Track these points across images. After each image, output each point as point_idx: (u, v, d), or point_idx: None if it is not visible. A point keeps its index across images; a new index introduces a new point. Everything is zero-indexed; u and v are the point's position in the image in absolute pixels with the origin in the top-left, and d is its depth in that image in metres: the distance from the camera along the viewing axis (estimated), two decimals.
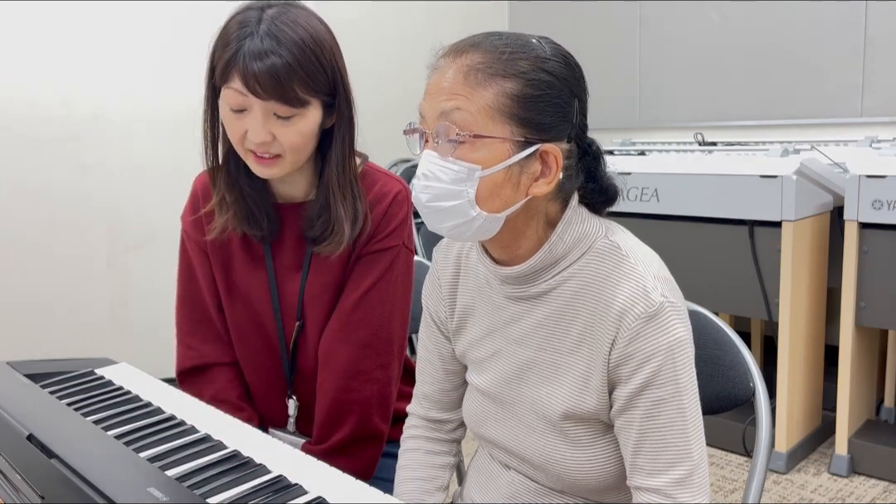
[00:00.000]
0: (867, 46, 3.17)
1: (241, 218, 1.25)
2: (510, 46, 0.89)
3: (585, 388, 0.95)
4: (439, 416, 1.16)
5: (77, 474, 0.76)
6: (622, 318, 0.90)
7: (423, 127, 0.92)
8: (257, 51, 1.08)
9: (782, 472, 2.58)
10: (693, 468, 0.91)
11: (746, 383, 1.17)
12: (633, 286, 0.90)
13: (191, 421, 0.99)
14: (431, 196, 0.90)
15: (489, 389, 1.05)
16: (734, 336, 1.21)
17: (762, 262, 2.57)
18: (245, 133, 1.14)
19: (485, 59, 0.88)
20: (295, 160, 1.18)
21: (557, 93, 0.90)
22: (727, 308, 2.76)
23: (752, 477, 1.12)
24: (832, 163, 2.76)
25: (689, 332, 0.93)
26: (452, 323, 1.10)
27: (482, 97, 0.87)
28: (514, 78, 0.88)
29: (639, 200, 2.80)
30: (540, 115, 0.89)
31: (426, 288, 1.15)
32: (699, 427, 0.93)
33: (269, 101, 1.10)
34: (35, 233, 3.04)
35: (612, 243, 0.95)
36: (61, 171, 3.06)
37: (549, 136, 0.90)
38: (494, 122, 0.88)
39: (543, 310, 0.98)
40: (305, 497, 0.79)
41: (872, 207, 2.38)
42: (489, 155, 0.88)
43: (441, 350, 1.13)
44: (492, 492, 1.09)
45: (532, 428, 1.00)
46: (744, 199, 2.57)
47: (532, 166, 0.90)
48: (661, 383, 0.90)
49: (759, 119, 3.52)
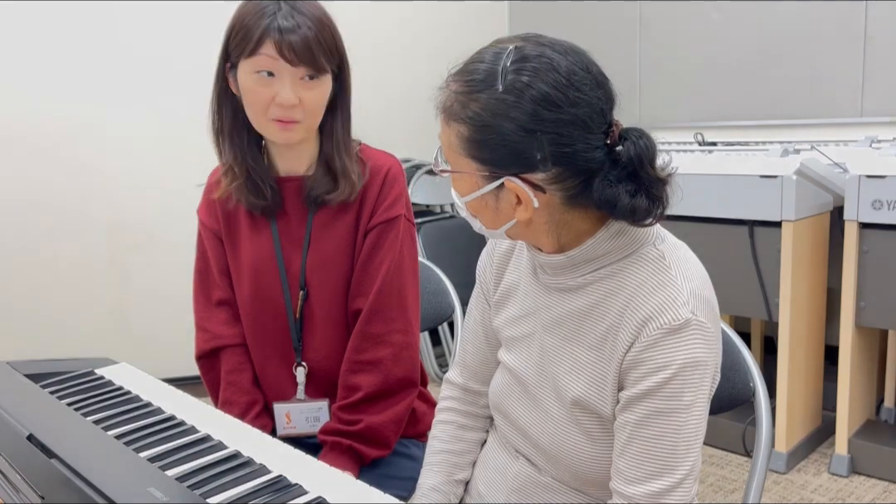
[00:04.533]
0: (867, 46, 3.17)
1: (246, 188, 1.35)
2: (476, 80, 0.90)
3: (602, 386, 0.96)
4: (476, 387, 1.20)
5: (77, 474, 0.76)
6: (646, 324, 0.90)
7: None
8: (289, 25, 1.23)
9: (782, 472, 2.58)
10: (674, 485, 0.90)
11: (746, 383, 1.18)
12: (666, 296, 0.91)
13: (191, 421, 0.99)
14: None
15: (515, 369, 1.08)
16: (734, 336, 1.21)
17: (762, 262, 2.57)
18: (272, 99, 1.25)
19: (449, 98, 0.93)
20: (309, 125, 1.31)
21: (507, 133, 0.88)
22: (727, 308, 2.76)
23: (752, 477, 1.12)
24: (832, 163, 2.76)
25: (712, 355, 0.91)
26: (495, 297, 1.14)
27: (446, 135, 0.95)
28: (462, 122, 0.91)
29: None
30: (492, 153, 0.91)
31: (482, 258, 1.19)
32: (692, 448, 0.91)
33: (298, 66, 1.24)
34: (35, 233, 3.04)
35: (659, 252, 0.95)
36: (61, 173, 3.06)
37: (514, 169, 0.90)
38: (460, 158, 0.94)
39: (577, 302, 1.00)
40: (305, 497, 0.79)
41: (872, 207, 2.38)
42: (463, 186, 0.96)
43: (486, 319, 1.17)
44: (499, 485, 1.10)
45: (550, 413, 1.02)
46: (744, 199, 2.57)
47: (507, 195, 0.93)
48: (664, 396, 0.89)
49: (759, 119, 3.52)
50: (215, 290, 1.43)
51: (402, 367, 1.35)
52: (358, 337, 1.35)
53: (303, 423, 1.39)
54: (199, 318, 1.44)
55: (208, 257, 1.44)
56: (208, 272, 1.44)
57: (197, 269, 1.46)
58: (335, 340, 1.38)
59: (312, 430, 1.38)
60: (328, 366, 1.39)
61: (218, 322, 1.43)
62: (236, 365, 1.41)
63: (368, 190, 1.36)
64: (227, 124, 1.34)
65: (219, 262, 1.43)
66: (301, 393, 1.40)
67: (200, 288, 1.45)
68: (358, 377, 1.34)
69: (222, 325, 1.42)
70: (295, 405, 1.39)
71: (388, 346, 1.34)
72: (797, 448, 2.65)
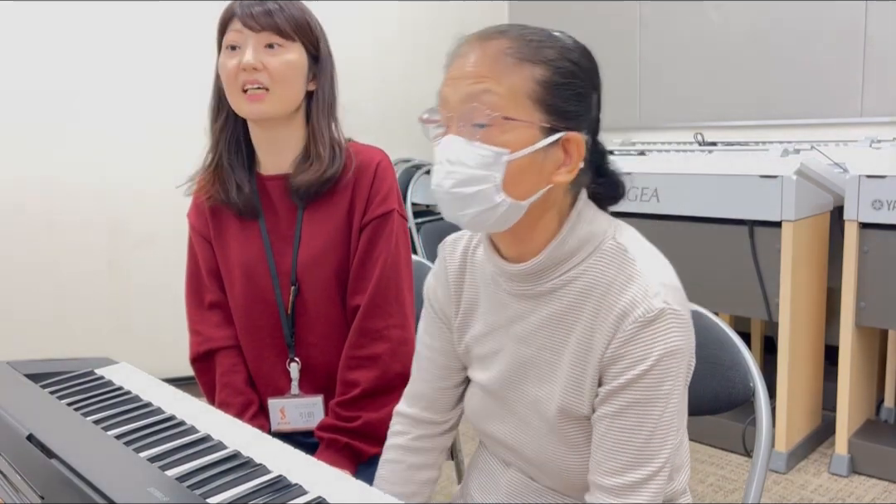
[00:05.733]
0: (867, 46, 3.17)
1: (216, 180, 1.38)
2: (536, 35, 0.91)
3: (580, 388, 0.95)
4: (431, 416, 1.14)
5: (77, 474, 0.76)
6: (622, 319, 0.90)
7: (446, 111, 0.91)
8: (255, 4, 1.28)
9: (782, 472, 2.58)
10: (650, 475, 0.90)
11: (746, 383, 1.17)
12: (636, 290, 0.90)
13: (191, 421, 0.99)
14: (456, 181, 0.89)
15: (491, 386, 1.05)
16: (734, 336, 1.21)
17: (762, 262, 2.57)
18: (238, 67, 1.28)
19: (513, 45, 0.89)
20: (281, 95, 1.30)
21: (581, 83, 0.91)
22: (727, 308, 2.76)
23: (752, 477, 1.12)
24: (832, 163, 2.76)
25: (688, 342, 0.92)
26: (457, 319, 1.10)
27: (511, 80, 0.88)
28: (543, 64, 0.89)
29: (639, 200, 2.80)
30: (565, 102, 0.90)
31: (431, 283, 1.14)
32: (669, 437, 0.91)
33: (261, 32, 1.27)
34: (35, 233, 3.04)
35: (620, 245, 0.95)
36: (61, 173, 3.06)
37: (572, 124, 0.91)
38: (522, 107, 0.88)
39: (548, 309, 0.97)
40: (305, 497, 0.79)
41: (872, 207, 2.38)
42: (516, 139, 0.88)
43: (445, 345, 1.12)
44: (492, 491, 1.09)
45: (532, 426, 1.00)
46: (744, 199, 2.57)
47: (555, 154, 0.90)
48: (642, 387, 0.89)
49: (759, 119, 3.52)
50: (206, 293, 1.44)
51: (400, 362, 1.34)
52: (356, 333, 1.35)
53: (297, 418, 1.40)
54: (192, 321, 1.45)
55: (198, 260, 1.45)
56: (199, 275, 1.45)
57: (188, 272, 1.47)
58: (329, 336, 1.39)
59: (307, 426, 1.39)
60: (322, 361, 1.39)
61: (210, 325, 1.43)
62: (230, 367, 1.42)
63: (359, 184, 1.36)
64: (219, 115, 1.38)
65: (208, 264, 1.44)
66: (295, 388, 1.40)
67: (192, 291, 1.46)
68: (356, 373, 1.34)
69: (214, 328, 1.43)
70: (289, 400, 1.40)
71: (386, 341, 1.34)
72: (797, 448, 2.65)
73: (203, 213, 1.43)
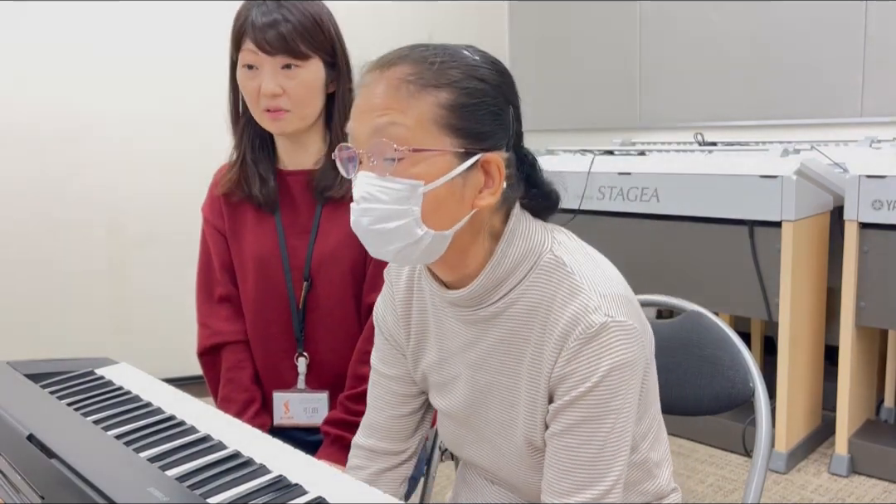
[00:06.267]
0: (867, 46, 3.17)
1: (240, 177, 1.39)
2: (439, 56, 0.86)
3: (535, 412, 0.93)
4: (388, 446, 1.10)
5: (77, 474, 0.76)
6: (565, 338, 0.87)
7: (356, 147, 0.88)
8: (265, 18, 1.27)
9: (782, 472, 2.58)
10: (603, 493, 0.88)
11: (746, 383, 1.17)
12: (577, 306, 0.87)
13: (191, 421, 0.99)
14: (373, 219, 0.86)
15: (455, 413, 1.02)
16: (734, 336, 1.21)
17: (762, 262, 2.57)
18: (258, 90, 1.30)
19: (415, 70, 0.85)
20: (302, 114, 1.33)
21: (492, 100, 0.87)
22: (727, 308, 2.76)
23: (752, 477, 1.12)
24: (832, 163, 2.76)
25: (637, 351, 0.88)
26: (409, 345, 1.06)
27: (417, 109, 0.84)
28: (447, 87, 0.85)
29: (639, 200, 2.79)
30: (477, 123, 0.86)
31: (380, 309, 1.10)
32: (620, 452, 0.88)
33: (276, 55, 1.28)
34: (35, 233, 3.04)
35: (557, 259, 0.91)
36: (61, 171, 3.06)
37: (488, 144, 0.87)
38: (431, 135, 0.84)
39: (497, 332, 0.94)
40: (305, 497, 0.79)
41: (872, 207, 2.38)
42: (430, 169, 0.84)
43: (400, 372, 1.09)
44: None
45: (503, 450, 0.98)
46: (744, 199, 2.57)
47: (474, 177, 0.87)
48: (588, 404, 0.87)
49: (759, 119, 3.52)
50: (217, 287, 1.45)
51: None
52: (371, 328, 1.35)
53: (300, 413, 1.40)
54: (201, 315, 1.47)
55: (211, 254, 1.46)
56: (210, 269, 1.46)
57: (200, 265, 1.48)
58: (338, 332, 1.39)
59: (310, 422, 1.39)
60: (331, 358, 1.40)
61: (219, 318, 1.44)
62: (236, 362, 1.43)
63: None
64: (240, 115, 1.40)
65: (221, 257, 1.45)
66: (301, 383, 1.41)
67: (203, 284, 1.47)
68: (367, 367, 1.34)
69: (223, 322, 1.44)
70: (294, 395, 1.41)
71: None
72: (797, 448, 2.65)
73: (218, 206, 1.44)
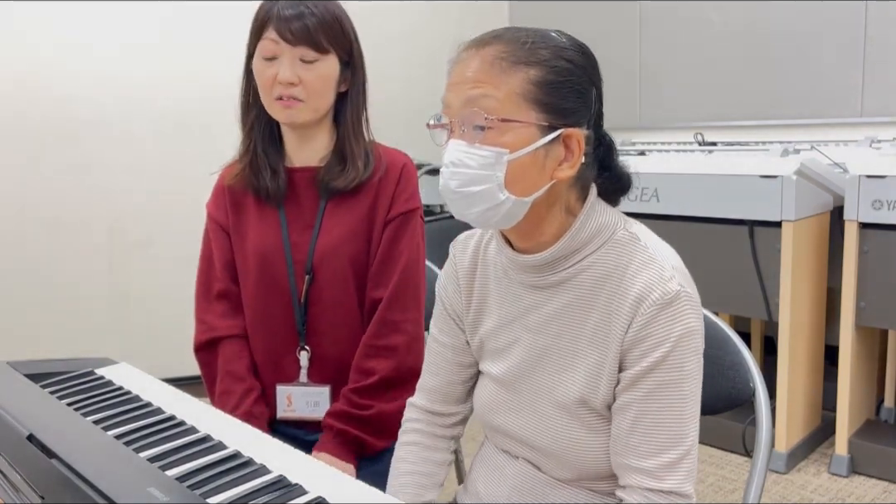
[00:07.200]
0: (867, 46, 3.17)
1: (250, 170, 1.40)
2: (530, 37, 0.94)
3: (599, 376, 0.97)
4: (442, 408, 1.18)
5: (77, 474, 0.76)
6: (639, 303, 0.93)
7: (449, 116, 0.96)
8: (289, 10, 1.30)
9: (782, 472, 2.58)
10: (684, 454, 0.94)
11: (746, 383, 1.17)
12: (651, 274, 0.94)
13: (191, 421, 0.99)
14: (460, 182, 0.93)
15: (505, 378, 1.07)
16: (734, 336, 1.21)
17: (762, 262, 2.57)
18: (274, 78, 1.32)
19: (508, 49, 0.92)
20: (315, 106, 1.35)
21: (577, 79, 0.94)
22: (727, 308, 2.76)
23: (752, 477, 1.12)
24: (832, 163, 2.76)
25: (701, 323, 0.96)
26: (469, 315, 1.13)
27: (507, 84, 0.91)
28: (537, 65, 0.92)
29: (639, 200, 2.80)
30: (562, 100, 0.93)
31: (442, 281, 1.17)
32: (696, 416, 0.95)
33: (297, 46, 1.30)
34: (35, 233, 3.04)
35: (632, 234, 0.98)
36: (61, 171, 3.06)
37: (571, 120, 0.94)
38: (520, 108, 0.91)
39: (562, 298, 1.00)
40: (305, 497, 0.79)
41: (872, 207, 2.38)
42: (515, 139, 0.92)
43: (455, 341, 1.15)
44: (498, 482, 1.10)
45: (546, 415, 1.02)
46: (744, 199, 2.57)
47: (556, 151, 0.94)
48: (667, 368, 0.93)
49: (759, 119, 3.52)
50: (215, 283, 1.46)
51: (413, 357, 1.37)
52: (377, 323, 1.38)
53: (303, 406, 1.41)
54: (198, 310, 1.47)
55: (212, 249, 1.47)
56: (211, 265, 1.47)
57: (201, 262, 1.49)
58: (341, 326, 1.40)
59: (312, 416, 1.40)
60: (332, 351, 1.41)
61: (215, 314, 1.45)
62: (233, 355, 1.43)
63: (384, 182, 1.40)
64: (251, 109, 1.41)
65: (223, 254, 1.46)
66: (304, 376, 1.42)
67: (202, 280, 1.48)
68: (373, 361, 1.36)
69: (219, 318, 1.44)
70: (297, 388, 1.41)
71: (404, 334, 1.38)
72: (797, 448, 2.65)
73: (223, 202, 1.45)
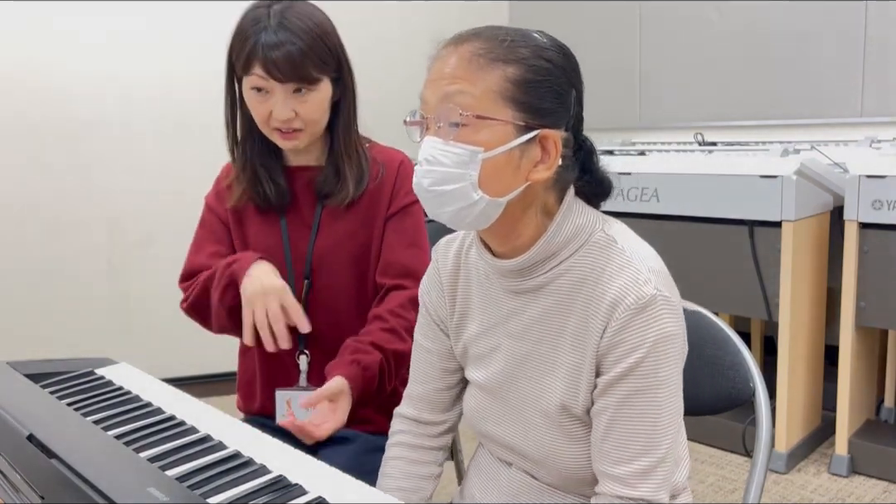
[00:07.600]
0: (867, 46, 3.17)
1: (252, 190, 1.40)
2: (510, 35, 0.92)
3: (578, 382, 0.96)
4: (430, 417, 1.16)
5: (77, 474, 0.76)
6: (614, 308, 0.91)
7: (425, 112, 0.94)
8: (273, 42, 1.26)
9: (782, 472, 2.58)
10: (658, 461, 0.92)
11: (746, 383, 1.17)
12: (627, 278, 0.92)
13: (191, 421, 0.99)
14: (433, 180, 0.92)
15: (489, 385, 1.06)
16: (734, 336, 1.21)
17: (762, 262, 2.57)
18: (270, 113, 1.31)
19: (486, 46, 0.91)
20: (314, 131, 1.36)
21: (556, 80, 0.92)
22: (727, 308, 2.76)
23: (752, 477, 1.12)
24: (832, 163, 2.76)
25: (679, 327, 0.93)
26: (452, 320, 1.11)
27: (484, 81, 0.90)
28: (516, 63, 0.90)
29: (639, 200, 2.80)
30: (540, 100, 0.91)
31: (425, 286, 1.16)
32: (673, 423, 0.93)
33: (287, 82, 1.28)
34: (35, 232, 3.04)
35: (609, 237, 0.97)
36: (61, 172, 3.06)
37: (548, 121, 0.92)
38: (496, 106, 0.90)
39: (541, 303, 0.99)
40: (305, 497, 0.79)
41: (872, 207, 2.38)
42: (491, 137, 0.90)
43: (440, 347, 1.14)
44: (493, 490, 1.10)
45: (531, 423, 1.01)
46: (744, 199, 2.57)
47: (532, 151, 0.92)
48: (641, 374, 0.91)
49: (759, 119, 3.51)
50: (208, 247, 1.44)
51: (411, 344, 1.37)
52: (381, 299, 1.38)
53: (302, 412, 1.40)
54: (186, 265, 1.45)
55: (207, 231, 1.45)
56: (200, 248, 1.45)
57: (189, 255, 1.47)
58: (340, 330, 1.39)
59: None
60: (332, 356, 1.39)
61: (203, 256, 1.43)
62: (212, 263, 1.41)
63: (383, 180, 1.41)
64: (240, 133, 1.40)
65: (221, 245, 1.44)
66: (303, 381, 1.41)
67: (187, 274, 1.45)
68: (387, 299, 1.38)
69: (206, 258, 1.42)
70: (296, 392, 1.41)
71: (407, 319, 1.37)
72: (797, 448, 2.65)
73: (224, 202, 1.45)
